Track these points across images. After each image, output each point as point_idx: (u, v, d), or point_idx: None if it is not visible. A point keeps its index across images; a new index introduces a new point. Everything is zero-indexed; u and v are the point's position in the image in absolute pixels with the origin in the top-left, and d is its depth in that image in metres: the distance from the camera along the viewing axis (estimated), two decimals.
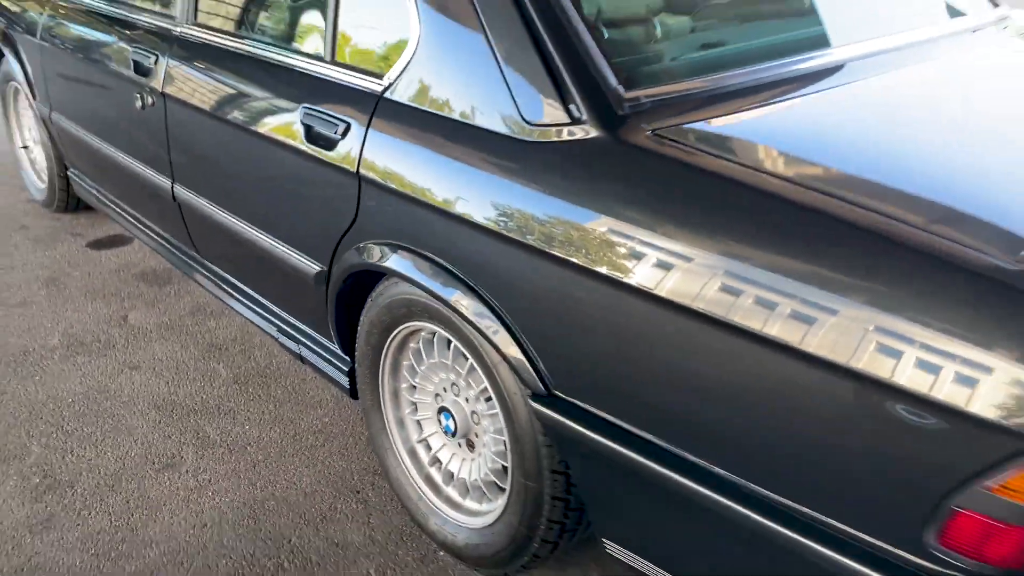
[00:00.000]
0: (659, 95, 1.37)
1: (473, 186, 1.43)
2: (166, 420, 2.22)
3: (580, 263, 1.25)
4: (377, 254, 1.62)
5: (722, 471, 1.19)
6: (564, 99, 1.34)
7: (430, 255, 1.51)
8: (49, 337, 2.60)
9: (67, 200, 3.31)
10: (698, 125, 1.36)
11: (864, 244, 1.05)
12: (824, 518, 1.10)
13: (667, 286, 1.16)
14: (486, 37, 1.44)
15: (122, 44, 2.39)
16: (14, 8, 3.14)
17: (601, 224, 1.24)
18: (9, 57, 3.17)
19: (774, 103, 1.45)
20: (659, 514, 1.33)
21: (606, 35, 1.47)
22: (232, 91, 1.98)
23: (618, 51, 1.46)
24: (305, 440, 2.15)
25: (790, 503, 1.13)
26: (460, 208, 1.43)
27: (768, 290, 1.08)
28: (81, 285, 2.90)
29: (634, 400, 1.28)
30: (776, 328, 1.06)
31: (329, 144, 1.68)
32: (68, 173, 3.14)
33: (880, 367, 0.99)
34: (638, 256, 1.19)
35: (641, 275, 1.19)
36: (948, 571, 1.02)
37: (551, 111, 1.35)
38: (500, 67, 1.41)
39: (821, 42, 1.69)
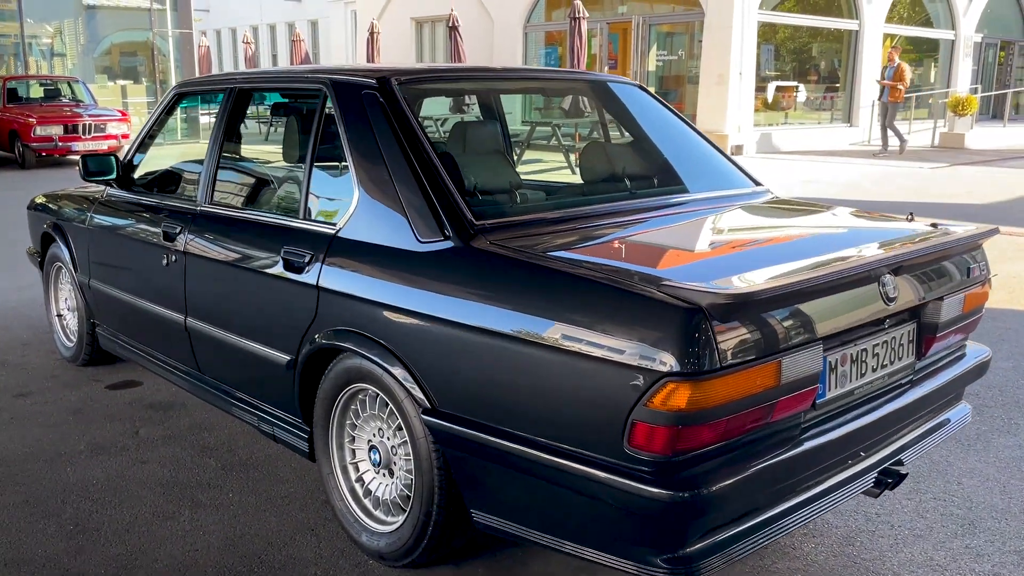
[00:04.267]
0: (496, 223, 2.28)
1: (389, 286, 2.29)
2: (168, 493, 2.92)
3: (452, 327, 2.09)
4: (332, 336, 2.44)
5: (526, 434, 1.97)
6: (440, 226, 2.23)
7: (365, 333, 2.34)
8: (77, 445, 3.32)
9: (91, 354, 4.11)
10: (519, 238, 2.25)
11: (587, 286, 1.91)
12: (570, 448, 1.89)
13: (499, 328, 2.00)
14: (397, 198, 2.35)
15: (153, 222, 3.31)
16: (67, 205, 4.11)
17: (463, 297, 2.10)
18: (59, 242, 4.09)
19: (567, 228, 2.37)
20: (498, 476, 2.08)
21: (467, 190, 2.39)
22: (235, 244, 2.88)
23: (473, 199, 2.38)
24: (274, 501, 2.85)
25: (555, 444, 1.91)
26: (381, 300, 2.29)
27: (545, 317, 1.92)
28: (101, 413, 3.65)
29: (481, 405, 2.07)
30: (550, 340, 1.89)
31: (299, 270, 2.55)
32: (96, 330, 3.97)
33: (589, 350, 1.81)
34: (483, 314, 2.03)
35: (483, 323, 2.02)
36: (637, 464, 1.78)
37: (432, 233, 2.24)
38: (406, 213, 2.32)
39: (611, 195, 2.64)
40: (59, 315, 4.39)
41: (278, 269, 2.63)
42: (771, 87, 17.33)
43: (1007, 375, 4.10)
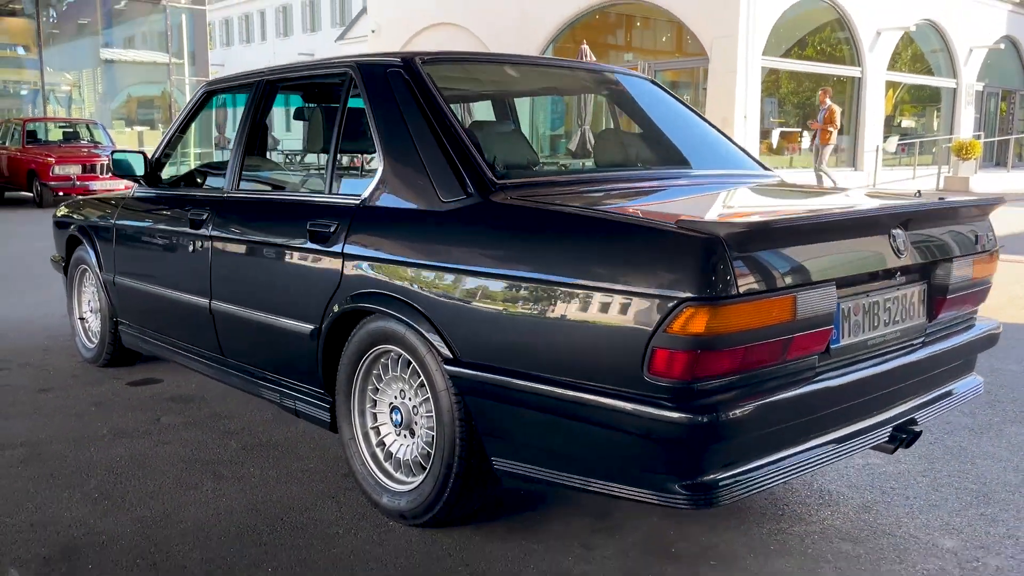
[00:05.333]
0: (515, 182, 2.36)
1: (417, 244, 2.37)
2: (191, 468, 2.97)
3: (473, 276, 2.16)
4: (356, 299, 2.51)
5: (548, 375, 2.03)
6: (462, 184, 2.32)
7: (387, 292, 2.41)
8: (99, 430, 3.37)
9: (112, 354, 4.18)
10: (537, 196, 2.33)
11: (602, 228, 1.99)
12: (591, 383, 1.94)
13: (520, 273, 2.07)
14: (421, 164, 2.44)
15: (180, 212, 3.41)
16: (92, 208, 4.22)
17: (484, 248, 2.17)
18: (85, 244, 4.19)
19: (584, 189, 2.45)
20: (519, 419, 2.13)
21: (487, 160, 2.48)
22: (261, 223, 2.97)
23: (494, 164, 2.47)
24: (295, 475, 2.89)
25: (576, 381, 1.97)
26: (404, 259, 2.36)
27: (565, 259, 1.99)
28: (122, 404, 3.70)
29: (502, 351, 2.13)
30: (571, 280, 1.96)
31: (324, 239, 2.63)
32: (119, 328, 4.05)
33: (609, 285, 1.88)
34: (506, 258, 2.11)
35: (504, 270, 2.10)
36: (657, 392, 1.84)
37: (454, 192, 2.32)
38: (429, 176, 2.40)
39: (626, 170, 2.73)
40: (81, 318, 4.47)
41: (303, 242, 2.71)
42: (775, 133, 17.58)
43: (1018, 377, 4.15)
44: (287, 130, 3.56)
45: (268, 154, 3.48)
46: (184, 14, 21.07)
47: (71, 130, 15.25)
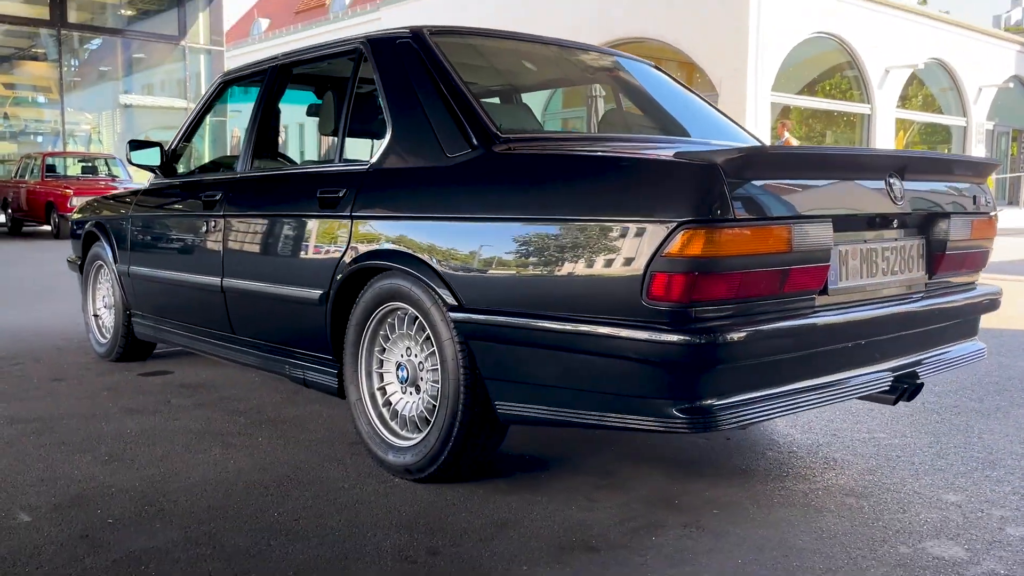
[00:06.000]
0: (518, 136, 2.43)
1: (423, 199, 2.43)
2: (199, 439, 3.00)
3: (477, 222, 2.22)
4: (363, 259, 2.56)
5: (549, 312, 2.07)
6: (466, 138, 2.38)
7: (393, 248, 2.47)
8: (111, 409, 3.41)
9: (125, 347, 4.23)
10: (535, 146, 2.40)
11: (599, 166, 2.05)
12: (591, 315, 1.99)
13: (522, 214, 2.12)
14: (428, 125, 2.52)
15: (195, 195, 3.49)
16: (107, 205, 4.32)
17: (487, 196, 2.23)
18: (101, 240, 4.28)
19: (584, 141, 2.51)
20: (522, 357, 2.16)
21: (490, 110, 2.55)
22: (272, 197, 3.04)
23: (497, 116, 2.53)
24: (303, 443, 2.91)
25: (577, 314, 2.01)
26: (408, 213, 2.42)
27: (566, 196, 2.04)
28: (134, 389, 3.75)
29: (506, 293, 2.18)
30: (572, 215, 2.01)
31: (333, 204, 2.70)
32: (132, 319, 4.11)
33: (610, 216, 1.93)
34: (508, 204, 2.16)
35: (506, 213, 2.15)
36: (655, 317, 1.88)
37: (459, 147, 2.39)
38: (436, 134, 2.47)
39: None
40: (95, 315, 4.54)
41: (313, 209, 2.78)
42: None
43: None
44: (306, 115, 3.64)
45: (282, 137, 3.56)
46: (203, 55, 21.51)
47: (89, 164, 15.53)
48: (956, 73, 20.48)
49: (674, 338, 1.85)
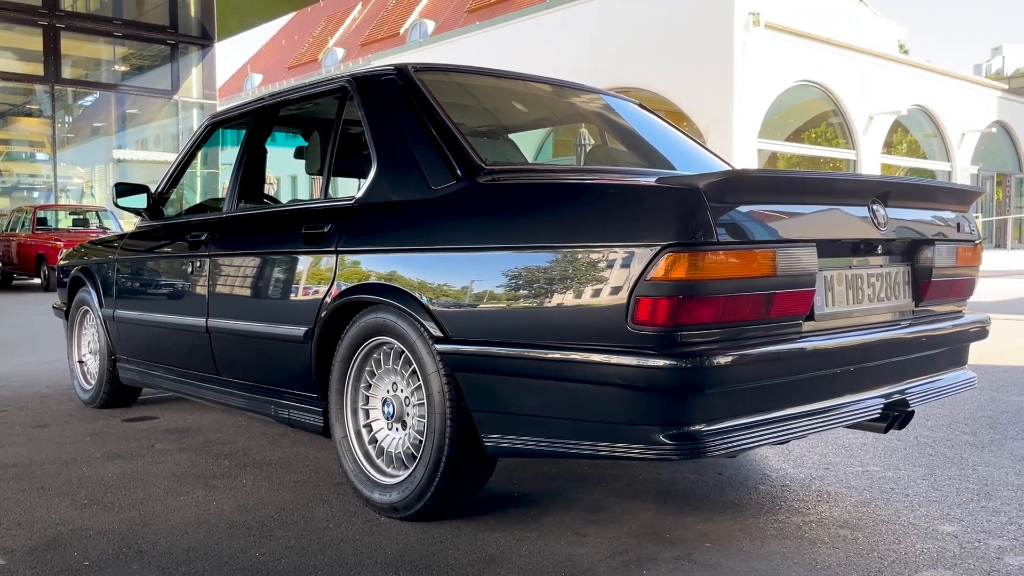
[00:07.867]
0: (502, 167, 2.43)
1: (408, 232, 2.42)
2: (182, 482, 2.94)
3: (461, 252, 2.21)
4: (348, 293, 2.54)
5: (535, 341, 2.04)
6: (451, 170, 2.38)
7: (378, 281, 2.45)
8: (93, 454, 3.35)
9: (110, 394, 4.18)
10: (514, 177, 2.39)
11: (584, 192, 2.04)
12: (578, 343, 1.96)
13: (507, 244, 2.11)
14: (413, 159, 2.52)
15: (180, 236, 3.48)
16: (93, 250, 4.30)
17: (472, 227, 2.22)
18: (87, 284, 4.25)
19: (568, 173, 2.51)
20: (509, 388, 2.13)
21: (475, 144, 2.55)
22: (257, 235, 3.02)
23: (482, 150, 2.53)
24: (287, 485, 2.86)
25: (563, 343, 1.99)
26: (393, 246, 2.41)
27: (550, 224, 2.04)
28: (117, 434, 3.69)
29: (491, 324, 2.15)
30: (556, 243, 2.01)
31: (319, 240, 2.68)
32: (117, 364, 4.06)
33: (593, 243, 1.92)
34: (492, 233, 2.16)
35: (491, 243, 2.14)
36: (640, 342, 1.86)
37: (444, 179, 2.39)
38: (421, 169, 2.47)
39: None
40: (80, 361, 4.49)
41: (298, 245, 2.76)
42: None
43: (1020, 405, 4.12)
44: (293, 158, 3.65)
45: (267, 174, 3.57)
46: (196, 109, 21.68)
47: (80, 216, 15.54)
48: (939, 119, 20.77)
49: (660, 362, 1.83)
